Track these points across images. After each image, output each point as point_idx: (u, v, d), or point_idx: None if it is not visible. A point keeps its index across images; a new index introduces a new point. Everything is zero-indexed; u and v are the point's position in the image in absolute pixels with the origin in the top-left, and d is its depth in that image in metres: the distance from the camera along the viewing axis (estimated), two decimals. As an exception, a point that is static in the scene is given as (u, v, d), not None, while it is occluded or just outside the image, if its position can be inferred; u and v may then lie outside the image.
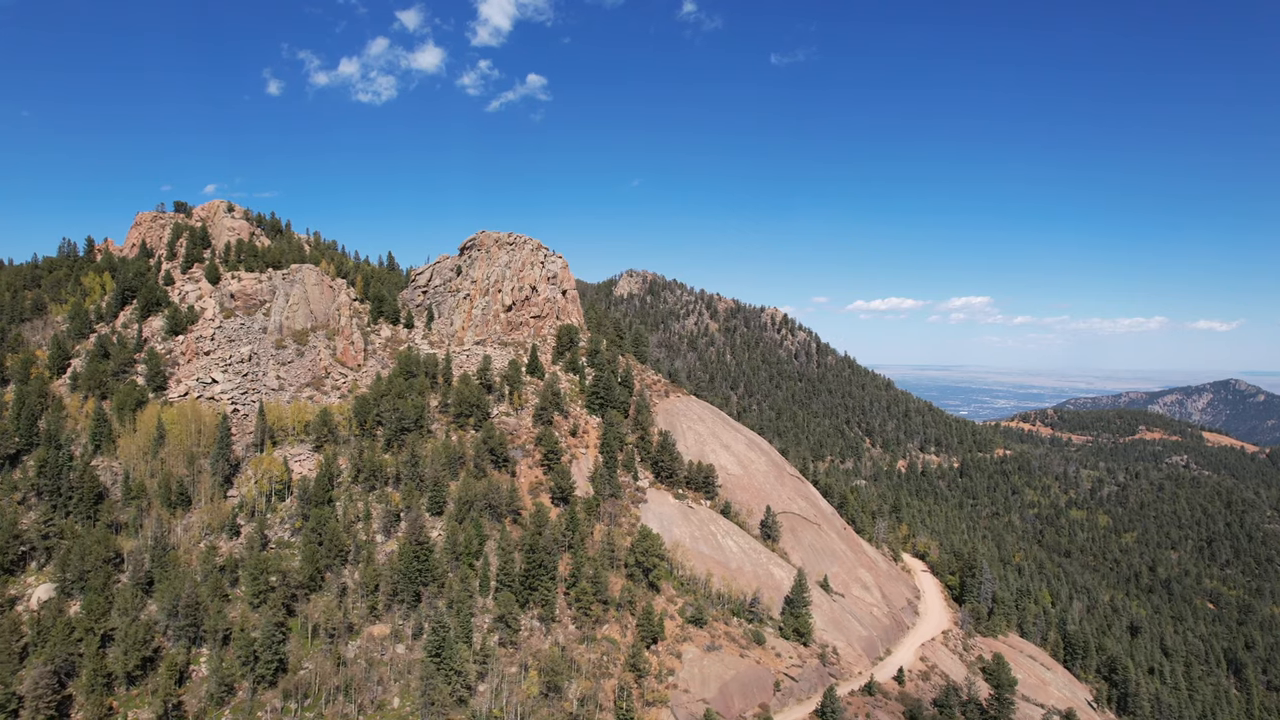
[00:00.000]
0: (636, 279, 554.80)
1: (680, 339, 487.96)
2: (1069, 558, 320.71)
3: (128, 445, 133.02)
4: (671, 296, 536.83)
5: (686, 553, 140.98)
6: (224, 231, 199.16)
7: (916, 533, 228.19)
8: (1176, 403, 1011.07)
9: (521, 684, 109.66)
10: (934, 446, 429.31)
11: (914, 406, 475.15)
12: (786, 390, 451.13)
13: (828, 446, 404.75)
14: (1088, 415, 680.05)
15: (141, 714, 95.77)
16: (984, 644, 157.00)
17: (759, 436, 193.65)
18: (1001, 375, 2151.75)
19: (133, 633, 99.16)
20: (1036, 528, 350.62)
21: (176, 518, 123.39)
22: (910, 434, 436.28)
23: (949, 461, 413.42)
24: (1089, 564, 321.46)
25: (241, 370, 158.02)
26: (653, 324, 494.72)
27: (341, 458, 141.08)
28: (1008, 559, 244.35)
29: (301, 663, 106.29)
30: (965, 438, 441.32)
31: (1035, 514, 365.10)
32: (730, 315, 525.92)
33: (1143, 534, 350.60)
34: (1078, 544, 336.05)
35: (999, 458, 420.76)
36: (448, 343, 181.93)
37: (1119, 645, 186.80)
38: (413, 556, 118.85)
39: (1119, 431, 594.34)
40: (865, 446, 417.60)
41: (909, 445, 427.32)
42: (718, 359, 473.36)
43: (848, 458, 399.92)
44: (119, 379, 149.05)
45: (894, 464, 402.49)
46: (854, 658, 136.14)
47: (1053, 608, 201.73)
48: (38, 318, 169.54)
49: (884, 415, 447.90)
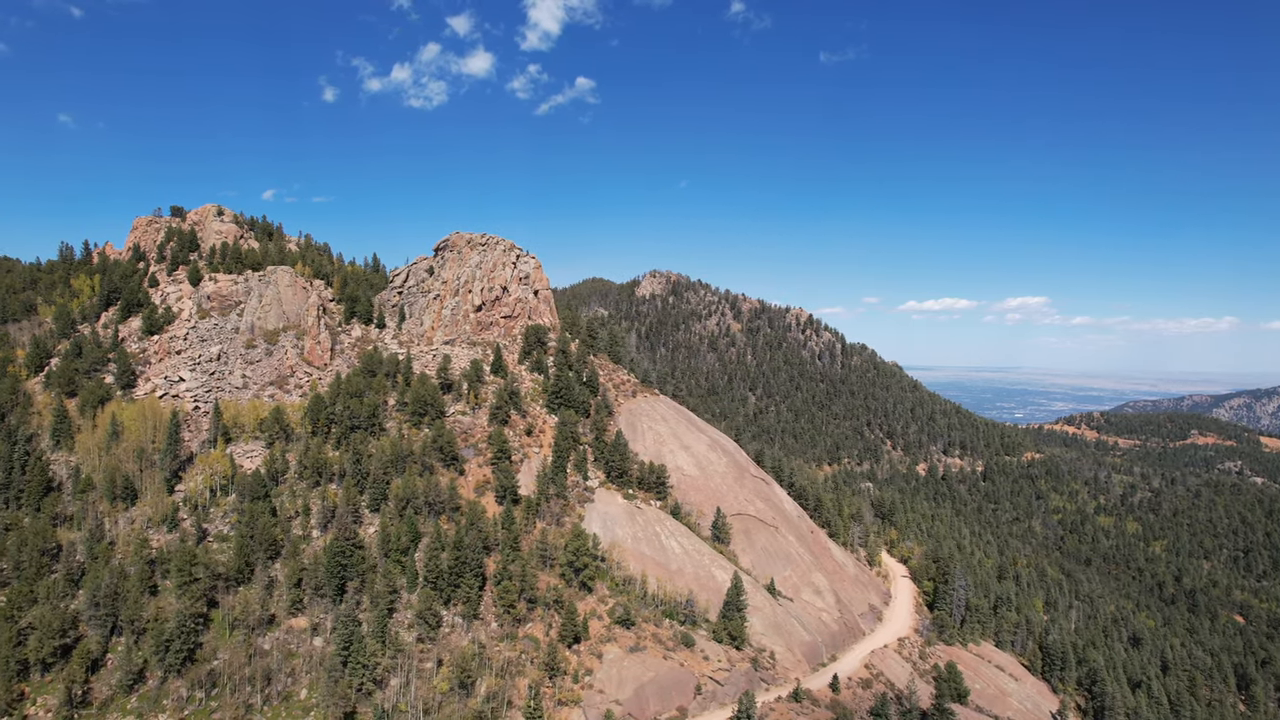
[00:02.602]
0: (660, 279, 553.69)
1: (700, 340, 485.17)
2: (1088, 565, 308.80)
3: (85, 441, 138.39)
4: (694, 297, 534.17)
5: (625, 553, 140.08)
6: (212, 235, 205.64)
7: (906, 537, 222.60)
8: (1244, 406, 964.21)
9: (434, 680, 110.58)
10: (958, 450, 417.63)
11: (940, 408, 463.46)
12: (807, 391, 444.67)
13: (845, 449, 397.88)
14: (1136, 419, 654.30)
15: (50, 700, 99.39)
16: (945, 652, 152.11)
17: (726, 438, 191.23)
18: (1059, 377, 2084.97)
19: (48, 621, 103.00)
20: (1058, 534, 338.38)
21: (120, 511, 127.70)
22: (934, 436, 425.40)
23: (973, 465, 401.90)
24: (1110, 572, 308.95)
25: (209, 369, 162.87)
26: (673, 325, 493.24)
27: (291, 454, 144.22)
28: (1008, 566, 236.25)
29: (216, 653, 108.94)
30: (993, 441, 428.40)
31: (1059, 520, 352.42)
32: (754, 316, 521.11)
33: (1173, 542, 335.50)
34: (1100, 551, 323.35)
35: (1026, 462, 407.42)
36: (416, 342, 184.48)
37: (1104, 657, 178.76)
38: (339, 552, 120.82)
39: (1169, 436, 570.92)
40: (885, 449, 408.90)
41: (931, 448, 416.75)
42: (738, 360, 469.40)
43: (865, 460, 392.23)
44: (89, 377, 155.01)
45: (914, 467, 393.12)
46: (792, 663, 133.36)
47: (1042, 617, 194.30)
48: (27, 318, 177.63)
49: (907, 418, 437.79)
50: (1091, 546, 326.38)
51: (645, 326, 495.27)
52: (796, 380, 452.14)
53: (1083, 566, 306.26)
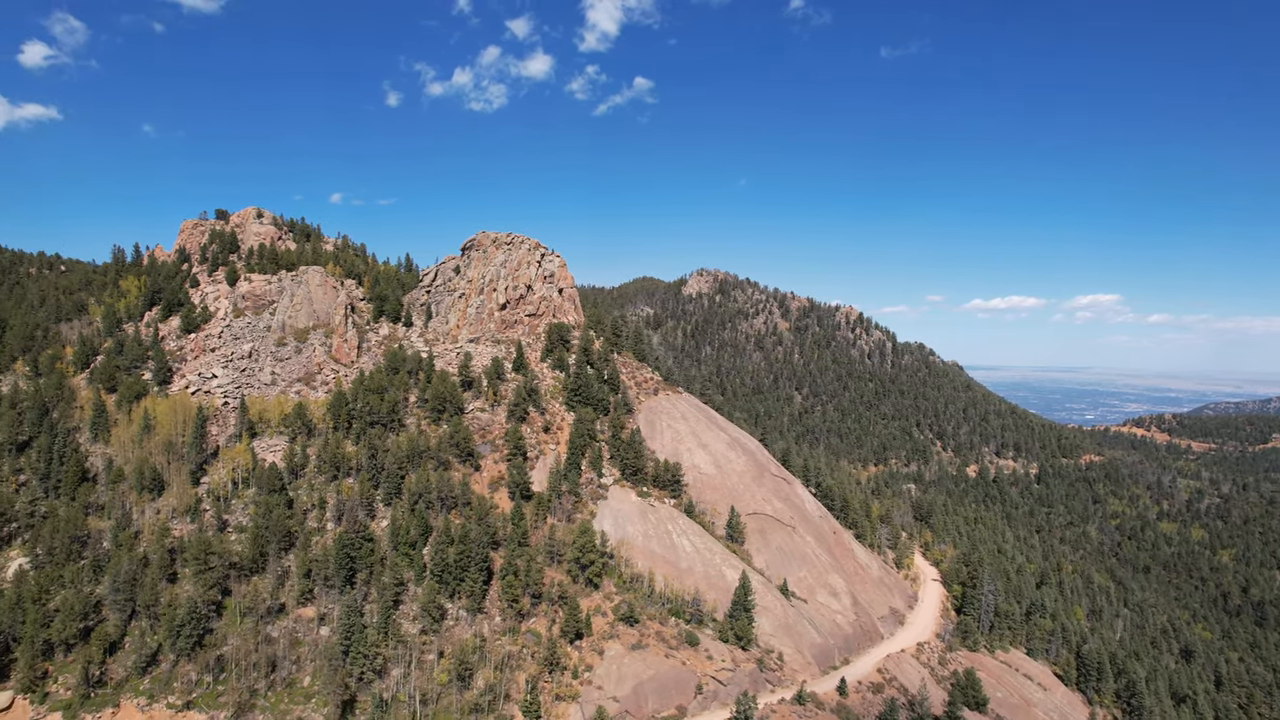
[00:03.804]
0: (707, 278, 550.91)
1: (747, 338, 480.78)
2: (1146, 573, 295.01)
3: (120, 434, 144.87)
4: (742, 295, 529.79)
5: (634, 550, 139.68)
6: (251, 236, 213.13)
7: (942, 540, 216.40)
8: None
9: (434, 671, 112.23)
10: (1012, 451, 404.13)
11: (994, 409, 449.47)
12: (855, 391, 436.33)
13: (892, 449, 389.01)
14: (1213, 421, 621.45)
15: (70, 679, 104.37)
16: (968, 659, 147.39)
17: (749, 437, 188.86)
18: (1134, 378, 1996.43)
19: (70, 604, 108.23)
20: (1115, 540, 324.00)
21: (147, 502, 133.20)
22: (986, 437, 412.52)
23: (1026, 468, 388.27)
24: (1171, 581, 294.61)
25: (240, 366, 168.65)
26: (718, 323, 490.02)
27: (311, 449, 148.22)
28: (1051, 571, 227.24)
29: (226, 639, 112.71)
30: (1049, 442, 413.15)
31: (1116, 525, 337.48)
32: (803, 314, 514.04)
33: (1243, 551, 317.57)
34: (1160, 559, 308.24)
35: (1084, 465, 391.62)
36: (441, 340, 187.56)
37: (1147, 668, 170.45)
38: (348, 544, 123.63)
39: (1248, 439, 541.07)
40: (935, 450, 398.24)
41: (984, 449, 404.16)
42: (784, 359, 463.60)
43: (913, 461, 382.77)
44: (128, 373, 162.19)
45: (964, 469, 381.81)
46: (801, 665, 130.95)
47: (1082, 625, 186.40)
48: (78, 317, 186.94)
49: (959, 418, 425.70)
50: (1151, 554, 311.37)
51: (691, 325, 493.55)
52: (844, 379, 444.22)
53: (1140, 574, 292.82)
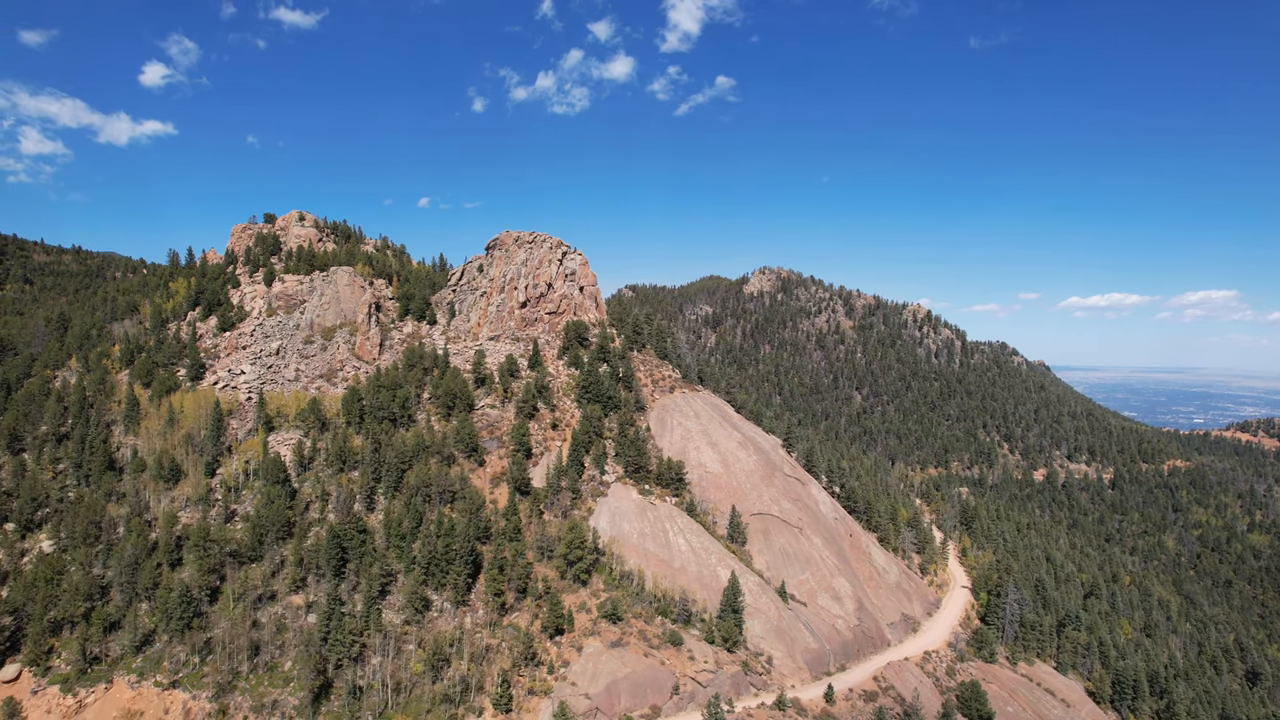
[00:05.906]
0: (769, 276, 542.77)
1: (807, 337, 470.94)
2: (1228, 588, 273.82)
3: (149, 426, 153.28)
4: (805, 294, 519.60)
5: (628, 548, 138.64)
6: (293, 238, 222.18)
7: (980, 545, 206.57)
8: None
9: (410, 661, 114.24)
10: (1085, 455, 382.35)
11: (1069, 410, 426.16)
12: (918, 391, 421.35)
13: (954, 451, 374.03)
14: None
15: (71, 655, 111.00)
16: (981, 670, 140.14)
17: (765, 436, 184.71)
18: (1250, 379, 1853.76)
19: (77, 584, 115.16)
20: (1194, 551, 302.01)
21: (163, 490, 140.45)
22: (1058, 440, 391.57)
23: (1100, 472, 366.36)
24: (1256, 598, 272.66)
25: (268, 363, 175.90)
26: (779, 322, 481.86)
27: (321, 443, 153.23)
28: (1104, 582, 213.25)
29: (217, 623, 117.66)
30: (1128, 446, 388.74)
31: (1199, 536, 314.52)
32: (868, 312, 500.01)
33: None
34: (1245, 573, 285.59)
35: (1166, 470, 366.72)
36: (463, 338, 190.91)
37: (1197, 690, 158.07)
38: (339, 534, 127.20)
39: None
40: (1001, 453, 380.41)
41: (1054, 453, 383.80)
42: (846, 358, 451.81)
43: (975, 464, 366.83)
44: (165, 369, 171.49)
45: (1030, 473, 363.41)
46: (791, 670, 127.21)
47: (1124, 640, 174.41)
48: (129, 316, 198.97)
49: (1029, 420, 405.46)
50: (1235, 567, 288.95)
51: (750, 324, 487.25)
52: (907, 379, 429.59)
53: (1218, 589, 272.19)
